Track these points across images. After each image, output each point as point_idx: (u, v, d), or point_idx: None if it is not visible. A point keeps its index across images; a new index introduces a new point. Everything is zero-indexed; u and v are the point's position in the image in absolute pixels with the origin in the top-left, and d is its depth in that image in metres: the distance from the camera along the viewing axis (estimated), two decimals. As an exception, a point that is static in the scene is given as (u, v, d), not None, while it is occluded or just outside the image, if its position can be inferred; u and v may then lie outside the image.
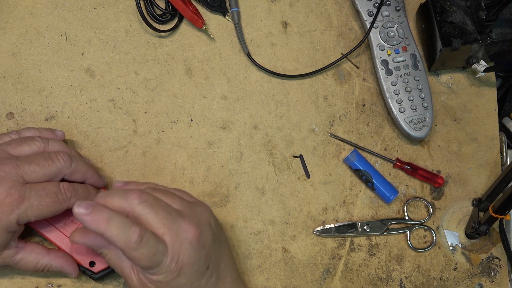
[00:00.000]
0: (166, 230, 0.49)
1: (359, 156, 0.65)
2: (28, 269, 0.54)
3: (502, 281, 0.66)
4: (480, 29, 0.64)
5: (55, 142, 0.56)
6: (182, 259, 0.49)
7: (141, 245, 0.47)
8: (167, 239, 0.49)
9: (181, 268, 0.50)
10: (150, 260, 0.48)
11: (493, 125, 0.69)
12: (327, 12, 0.69)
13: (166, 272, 0.49)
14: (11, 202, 0.49)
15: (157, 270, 0.49)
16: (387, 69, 0.66)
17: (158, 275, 0.49)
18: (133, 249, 0.47)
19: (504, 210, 0.59)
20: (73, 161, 0.54)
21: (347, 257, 0.65)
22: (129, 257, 0.48)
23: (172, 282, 0.50)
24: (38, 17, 0.64)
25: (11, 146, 0.53)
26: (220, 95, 0.66)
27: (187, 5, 0.64)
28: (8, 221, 0.49)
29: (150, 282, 0.50)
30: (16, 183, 0.50)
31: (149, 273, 0.49)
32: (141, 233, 0.48)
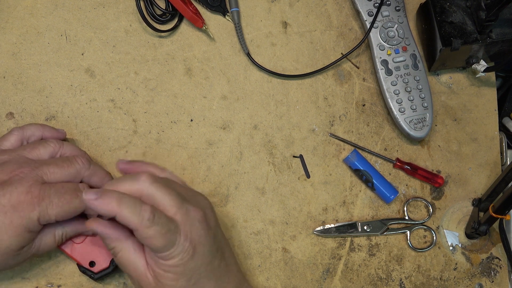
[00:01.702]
0: (176, 209, 0.50)
1: (359, 156, 0.65)
2: (50, 249, 0.54)
3: (502, 281, 0.66)
4: (480, 29, 0.64)
5: (69, 145, 0.56)
6: (194, 237, 0.50)
7: (154, 222, 0.47)
8: (178, 218, 0.49)
9: (195, 247, 0.50)
10: (164, 237, 0.48)
11: (493, 125, 0.69)
12: (327, 12, 0.69)
13: (181, 252, 0.49)
14: (31, 199, 0.49)
15: (172, 251, 0.48)
16: (387, 69, 0.66)
17: (173, 258, 0.49)
18: (147, 227, 0.47)
19: (504, 210, 0.59)
20: (92, 164, 0.55)
21: (347, 257, 0.65)
22: (144, 238, 0.48)
23: (188, 265, 0.49)
24: (38, 17, 0.64)
25: (26, 150, 0.53)
26: (220, 95, 0.66)
27: (187, 5, 0.64)
28: (29, 219, 0.49)
29: (167, 270, 0.49)
30: (36, 182, 0.50)
31: (164, 259, 0.49)
32: (152, 211, 0.48)
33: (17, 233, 0.49)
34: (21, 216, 0.49)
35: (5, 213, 0.49)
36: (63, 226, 0.54)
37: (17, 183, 0.50)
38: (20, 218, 0.49)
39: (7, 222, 0.49)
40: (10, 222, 0.49)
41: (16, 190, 0.49)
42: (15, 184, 0.49)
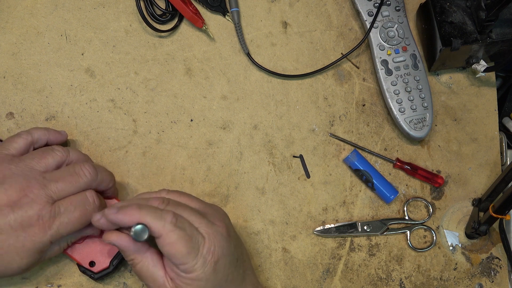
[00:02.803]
0: (199, 223, 0.50)
1: (359, 156, 0.65)
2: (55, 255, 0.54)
3: (502, 281, 0.66)
4: (480, 29, 0.64)
5: (75, 152, 0.56)
6: (218, 250, 0.50)
7: (177, 226, 0.48)
8: (203, 230, 0.50)
9: (217, 260, 0.49)
10: (188, 243, 0.48)
11: (493, 125, 0.69)
12: (327, 12, 0.69)
13: (203, 265, 0.49)
14: (42, 224, 0.49)
15: (194, 262, 0.48)
16: (387, 69, 0.66)
17: (195, 271, 0.48)
18: (170, 231, 0.47)
19: (504, 210, 0.59)
20: (98, 172, 0.55)
21: (347, 257, 0.65)
22: (167, 244, 0.48)
23: (210, 278, 0.49)
24: (38, 17, 0.64)
25: (34, 161, 0.53)
26: (220, 95, 0.66)
27: (187, 5, 0.64)
28: (42, 243, 0.50)
29: (188, 284, 0.49)
30: (46, 204, 0.50)
31: (187, 271, 0.49)
32: (175, 215, 0.48)
33: (29, 255, 0.50)
34: (33, 241, 0.49)
35: (17, 237, 0.49)
36: (70, 236, 0.54)
37: (27, 207, 0.49)
38: (32, 243, 0.49)
39: (19, 246, 0.49)
40: (22, 246, 0.49)
41: (27, 214, 0.49)
42: (25, 208, 0.49)
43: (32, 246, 0.49)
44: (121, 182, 0.62)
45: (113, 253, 0.57)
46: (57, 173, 0.53)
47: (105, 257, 0.57)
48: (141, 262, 0.51)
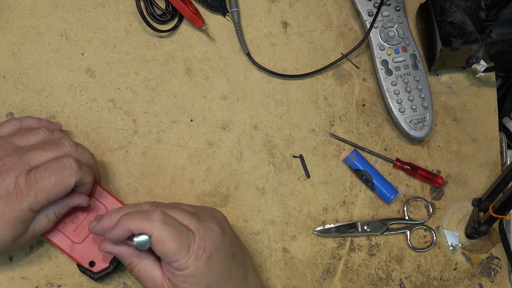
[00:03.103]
0: (189, 220, 0.50)
1: (359, 156, 0.65)
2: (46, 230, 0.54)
3: (502, 281, 0.66)
4: (480, 29, 0.64)
5: (59, 133, 0.56)
6: (209, 245, 0.50)
7: (166, 223, 0.48)
8: (193, 226, 0.50)
9: (210, 255, 0.50)
10: (178, 240, 0.48)
11: (493, 125, 0.69)
12: (327, 12, 0.69)
13: (196, 261, 0.49)
14: (19, 191, 0.49)
15: (186, 259, 0.48)
16: (387, 69, 0.66)
17: (188, 267, 0.49)
18: (159, 229, 0.48)
19: (504, 210, 0.59)
20: (79, 147, 0.54)
21: (347, 257, 0.65)
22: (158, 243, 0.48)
23: (204, 274, 0.49)
24: (38, 17, 0.64)
25: (16, 136, 0.53)
26: (220, 95, 0.66)
27: (187, 5, 0.64)
28: (21, 211, 0.49)
29: (183, 281, 0.49)
30: (22, 172, 0.50)
31: (180, 269, 0.49)
32: (162, 213, 0.49)
33: (10, 225, 0.49)
34: (12, 209, 0.49)
35: None
36: (54, 206, 0.53)
37: (4, 175, 0.49)
38: (11, 211, 0.49)
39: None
40: (2, 215, 0.49)
41: (4, 182, 0.49)
42: (2, 176, 0.49)
43: (12, 215, 0.49)
44: (121, 182, 0.62)
45: (113, 253, 0.57)
46: (36, 144, 0.53)
47: (105, 257, 0.57)
48: (139, 265, 0.51)
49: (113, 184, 0.62)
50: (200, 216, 0.52)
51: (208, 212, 0.54)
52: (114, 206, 0.58)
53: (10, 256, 0.59)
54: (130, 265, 0.51)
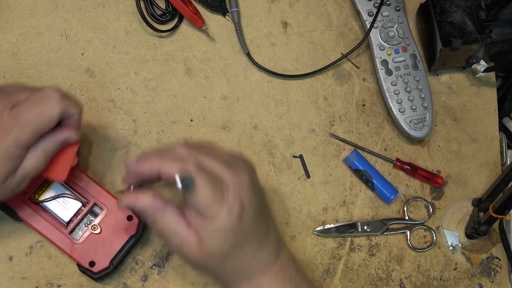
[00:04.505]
0: (225, 171, 0.48)
1: (359, 156, 0.65)
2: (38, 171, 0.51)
3: (502, 281, 0.66)
4: (480, 29, 0.64)
5: None
6: (243, 199, 0.48)
7: (200, 173, 0.46)
8: (227, 178, 0.48)
9: (243, 209, 0.48)
10: (212, 190, 0.46)
11: (493, 125, 0.69)
12: (327, 12, 0.69)
13: (229, 214, 0.47)
14: (2, 127, 0.48)
15: (220, 210, 0.47)
16: (387, 69, 0.66)
17: (221, 219, 0.47)
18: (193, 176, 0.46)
19: (504, 210, 0.59)
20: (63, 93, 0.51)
21: (347, 257, 0.65)
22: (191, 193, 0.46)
23: (235, 227, 0.48)
24: (38, 17, 0.64)
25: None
26: (220, 95, 0.66)
27: (187, 5, 0.64)
28: (6, 146, 0.48)
29: (214, 234, 0.47)
30: (6, 107, 0.48)
31: (213, 218, 0.47)
32: (197, 161, 0.47)
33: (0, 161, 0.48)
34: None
35: None
36: (41, 142, 0.51)
37: None
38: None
39: None
40: None
41: None
42: None
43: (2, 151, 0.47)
44: (121, 182, 0.62)
45: (113, 253, 0.57)
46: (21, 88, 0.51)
47: (105, 257, 0.57)
48: (162, 220, 0.48)
49: (113, 184, 0.62)
50: (235, 167, 0.50)
51: (243, 164, 0.51)
52: (114, 206, 0.58)
53: (10, 256, 0.59)
54: (154, 220, 0.49)
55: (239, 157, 0.53)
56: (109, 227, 0.58)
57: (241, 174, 0.49)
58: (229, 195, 0.47)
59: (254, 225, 0.50)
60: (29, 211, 0.57)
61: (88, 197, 0.58)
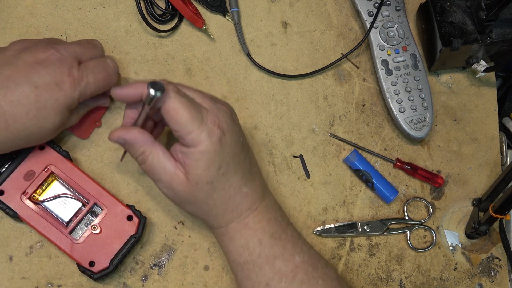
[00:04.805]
0: (202, 99, 0.52)
1: (359, 156, 0.65)
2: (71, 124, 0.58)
3: (502, 281, 0.66)
4: (480, 29, 0.64)
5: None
6: (222, 124, 0.51)
7: (179, 94, 0.49)
8: (206, 104, 0.51)
9: (223, 133, 0.51)
10: (191, 110, 0.49)
11: (493, 125, 0.69)
12: (327, 12, 0.69)
13: (210, 136, 0.50)
14: (73, 81, 0.52)
15: (200, 131, 0.49)
16: (387, 69, 0.66)
17: (202, 141, 0.49)
18: (172, 97, 0.49)
19: (504, 210, 0.59)
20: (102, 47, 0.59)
21: (347, 257, 0.65)
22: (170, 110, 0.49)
23: (218, 150, 0.50)
24: (38, 17, 0.64)
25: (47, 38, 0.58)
26: (220, 95, 0.66)
27: (187, 5, 0.64)
28: (71, 98, 0.52)
29: (198, 159, 0.50)
30: (74, 62, 0.53)
31: (195, 143, 0.50)
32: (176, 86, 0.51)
33: (61, 111, 0.52)
34: (65, 95, 0.52)
35: (51, 91, 0.51)
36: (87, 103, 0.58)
37: (58, 63, 0.52)
38: (64, 97, 0.52)
39: (53, 100, 0.51)
40: (56, 100, 0.51)
41: (59, 69, 0.52)
42: (56, 63, 0.52)
43: (64, 101, 0.52)
44: (121, 182, 0.62)
45: (113, 253, 0.57)
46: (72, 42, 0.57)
47: (105, 257, 0.57)
48: (151, 154, 0.52)
49: (113, 184, 0.62)
50: (213, 99, 0.53)
51: (220, 100, 0.55)
52: (114, 206, 0.58)
53: (10, 256, 0.59)
54: (143, 154, 0.52)
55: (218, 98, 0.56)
56: (109, 227, 0.58)
57: (219, 103, 0.53)
58: (207, 118, 0.50)
59: (235, 153, 0.52)
60: (29, 211, 0.57)
61: (88, 197, 0.58)
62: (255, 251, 0.54)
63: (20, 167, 0.57)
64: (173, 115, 0.49)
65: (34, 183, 0.57)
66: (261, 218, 0.55)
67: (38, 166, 0.58)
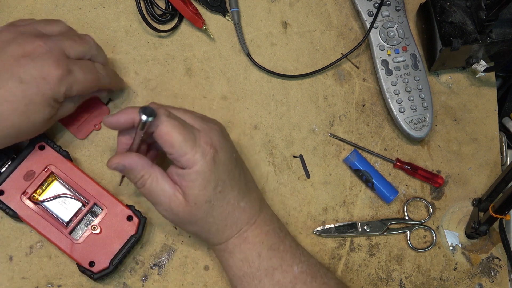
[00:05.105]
0: (193, 120, 0.52)
1: (359, 156, 0.65)
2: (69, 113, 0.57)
3: (502, 281, 0.66)
4: (480, 29, 0.64)
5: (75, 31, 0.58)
6: (215, 143, 0.51)
7: (170, 117, 0.50)
8: (197, 125, 0.52)
9: (216, 151, 0.51)
10: (183, 132, 0.49)
11: (493, 125, 0.69)
12: (327, 12, 0.69)
13: (204, 156, 0.50)
14: (60, 73, 0.51)
15: (194, 153, 0.49)
16: (387, 69, 0.66)
17: (197, 162, 0.50)
18: (164, 121, 0.49)
19: (504, 210, 0.59)
20: (98, 47, 0.58)
21: (347, 257, 0.65)
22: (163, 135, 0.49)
23: (213, 169, 0.51)
24: (38, 17, 0.64)
25: (40, 25, 0.55)
26: (220, 95, 0.66)
27: (187, 5, 0.64)
28: (57, 91, 0.51)
29: (194, 179, 0.50)
30: (63, 56, 0.52)
31: (189, 164, 0.50)
32: (167, 109, 0.51)
33: (48, 104, 0.52)
34: (51, 89, 0.51)
35: (37, 85, 0.50)
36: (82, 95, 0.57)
37: (45, 56, 0.51)
38: (50, 91, 0.51)
39: (40, 94, 0.50)
40: (42, 94, 0.51)
41: (46, 62, 0.51)
42: (43, 56, 0.51)
43: (51, 94, 0.51)
44: (121, 182, 0.62)
45: (113, 253, 0.57)
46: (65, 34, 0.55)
47: (105, 257, 0.57)
48: (150, 177, 0.52)
49: (113, 184, 0.62)
50: (203, 119, 0.54)
51: (212, 120, 0.55)
52: (114, 206, 0.58)
53: (10, 256, 0.59)
54: (142, 178, 0.52)
55: (207, 116, 0.56)
56: (109, 227, 0.58)
57: (210, 123, 0.53)
58: (200, 139, 0.50)
59: (230, 169, 0.53)
60: (29, 211, 0.57)
61: (88, 197, 0.58)
62: (254, 264, 0.54)
63: (20, 167, 0.57)
64: (167, 138, 0.49)
65: (34, 183, 0.57)
66: (260, 231, 0.55)
67: (38, 166, 0.58)
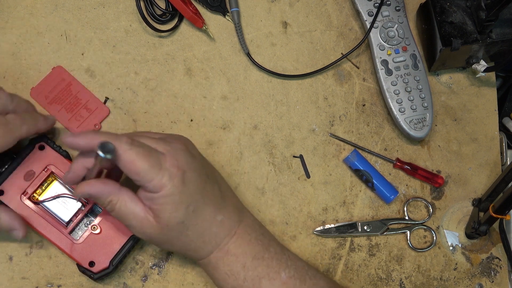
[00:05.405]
0: (156, 144, 0.50)
1: (359, 156, 0.65)
2: None
3: (502, 281, 0.66)
4: (480, 29, 0.64)
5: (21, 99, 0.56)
6: (181, 163, 0.50)
7: (133, 145, 0.48)
8: (161, 148, 0.50)
9: (184, 172, 0.50)
10: (147, 158, 0.48)
11: (493, 125, 0.69)
12: (327, 12, 0.69)
13: (171, 179, 0.49)
14: None
15: (161, 177, 0.48)
16: (387, 69, 0.66)
17: (165, 186, 0.48)
18: (127, 149, 0.48)
19: (504, 210, 0.59)
20: (14, 97, 0.55)
21: (347, 257, 0.65)
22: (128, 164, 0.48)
23: (182, 191, 0.49)
24: (38, 17, 0.64)
25: None
26: (220, 95, 0.66)
27: (187, 5, 0.64)
28: None
29: (164, 203, 0.49)
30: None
31: (157, 189, 0.49)
32: (130, 137, 0.49)
33: None
34: None
35: None
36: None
37: None
38: None
39: None
40: None
41: None
42: None
43: None
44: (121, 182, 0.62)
45: (113, 253, 0.57)
46: None
47: (105, 257, 0.57)
48: (119, 201, 0.50)
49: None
50: (166, 140, 0.52)
51: (175, 137, 0.54)
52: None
53: (10, 256, 0.59)
54: (110, 203, 0.50)
55: (171, 134, 0.55)
56: (109, 227, 0.58)
57: (173, 143, 0.52)
58: (166, 162, 0.49)
59: (203, 187, 0.51)
60: (29, 211, 0.57)
61: (88, 197, 0.58)
62: (240, 275, 0.53)
63: (20, 167, 0.57)
64: (131, 167, 0.48)
65: (34, 183, 0.57)
66: (241, 242, 0.54)
67: (38, 166, 0.58)
